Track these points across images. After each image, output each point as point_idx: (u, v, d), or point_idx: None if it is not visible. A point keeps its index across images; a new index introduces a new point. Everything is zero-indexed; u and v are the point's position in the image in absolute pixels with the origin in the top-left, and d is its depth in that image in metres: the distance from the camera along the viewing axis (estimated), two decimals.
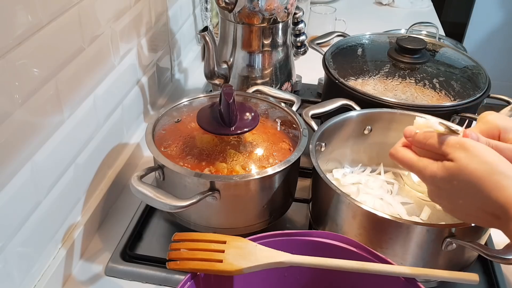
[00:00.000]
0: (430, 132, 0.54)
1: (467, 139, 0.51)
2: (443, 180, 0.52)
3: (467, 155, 0.50)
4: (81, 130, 0.69)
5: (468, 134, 0.52)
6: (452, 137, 0.52)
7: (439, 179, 0.52)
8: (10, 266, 0.55)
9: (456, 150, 0.51)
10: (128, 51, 0.82)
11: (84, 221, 0.70)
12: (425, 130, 0.55)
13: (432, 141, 0.53)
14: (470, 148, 0.50)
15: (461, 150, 0.50)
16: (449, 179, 0.51)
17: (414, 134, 0.56)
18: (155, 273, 0.67)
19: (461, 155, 0.50)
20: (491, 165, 0.49)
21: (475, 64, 0.92)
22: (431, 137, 0.54)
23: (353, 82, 0.88)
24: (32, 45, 0.54)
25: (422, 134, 0.55)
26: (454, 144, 0.51)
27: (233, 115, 0.67)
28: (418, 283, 0.50)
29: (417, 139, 0.55)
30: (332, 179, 0.76)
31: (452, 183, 0.51)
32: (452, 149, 0.51)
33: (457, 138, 0.52)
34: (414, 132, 0.56)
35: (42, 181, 0.60)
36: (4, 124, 0.51)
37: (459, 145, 0.51)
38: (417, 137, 0.55)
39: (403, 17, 1.63)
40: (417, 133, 0.55)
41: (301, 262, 0.51)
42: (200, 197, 0.61)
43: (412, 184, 0.76)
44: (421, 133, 0.55)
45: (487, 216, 0.51)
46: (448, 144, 0.52)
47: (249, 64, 0.92)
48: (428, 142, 0.54)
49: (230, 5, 0.86)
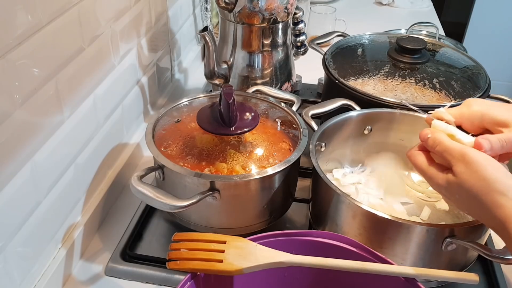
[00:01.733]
0: (439, 138, 0.55)
1: (470, 150, 0.52)
2: (447, 192, 0.54)
3: (467, 170, 0.51)
4: (81, 130, 0.69)
5: (481, 143, 0.53)
6: (457, 146, 0.53)
7: (444, 190, 0.54)
8: (10, 266, 0.55)
9: (457, 162, 0.52)
10: (128, 51, 0.82)
11: (84, 221, 0.70)
12: (436, 133, 0.56)
13: (439, 148, 0.54)
14: (470, 162, 0.51)
15: (462, 163, 0.51)
16: (452, 193, 0.53)
17: (427, 138, 0.56)
18: (155, 273, 0.67)
19: (461, 170, 0.51)
20: (488, 182, 0.49)
21: (475, 64, 0.92)
22: (439, 144, 0.55)
23: (353, 82, 0.88)
24: (32, 45, 0.54)
25: (432, 139, 0.56)
26: (457, 156, 0.52)
27: (233, 115, 0.67)
28: (418, 283, 0.50)
29: (428, 143, 0.56)
30: (332, 179, 0.76)
31: (455, 196, 0.53)
32: (454, 161, 0.52)
33: (461, 149, 0.52)
34: (427, 137, 0.56)
35: (42, 181, 0.60)
36: (4, 124, 0.51)
37: (461, 157, 0.52)
38: (428, 141, 0.56)
39: (403, 17, 1.63)
40: (429, 138, 0.56)
41: (301, 262, 0.51)
42: (200, 197, 0.61)
43: (412, 184, 0.76)
44: (431, 138, 0.56)
45: (489, 227, 0.52)
46: (452, 155, 0.53)
47: (249, 64, 0.92)
48: (436, 149, 0.55)
49: (230, 5, 0.86)
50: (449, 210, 0.71)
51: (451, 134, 0.55)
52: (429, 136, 0.56)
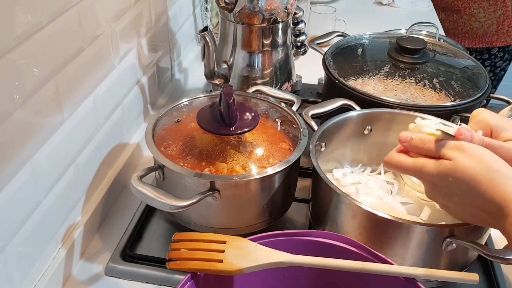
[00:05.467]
0: (426, 136, 0.55)
1: (464, 142, 0.52)
2: (439, 177, 0.53)
3: (464, 154, 0.51)
4: (81, 130, 0.69)
5: (462, 132, 0.53)
6: (450, 141, 0.53)
7: (435, 176, 0.53)
8: (10, 266, 0.55)
9: (453, 150, 0.52)
10: (128, 51, 0.82)
11: (84, 221, 0.70)
12: (420, 134, 0.56)
13: (430, 145, 0.54)
14: (467, 149, 0.51)
15: (458, 150, 0.52)
16: (445, 176, 0.52)
17: (410, 139, 0.56)
18: (155, 273, 0.67)
19: (458, 155, 0.51)
20: (487, 163, 0.50)
21: (475, 64, 0.92)
22: (429, 141, 0.54)
23: (353, 82, 0.88)
24: (32, 45, 0.54)
25: (419, 139, 0.55)
26: (452, 147, 0.52)
27: (233, 115, 0.67)
28: (418, 283, 0.50)
29: (414, 144, 0.56)
30: (332, 179, 0.76)
31: (448, 180, 0.52)
32: (450, 151, 0.52)
33: (455, 142, 0.53)
34: (410, 137, 0.56)
35: (42, 181, 0.60)
36: (4, 124, 0.51)
37: (457, 147, 0.52)
38: (413, 142, 0.56)
39: (403, 17, 1.63)
40: (413, 138, 0.56)
41: (301, 262, 0.51)
42: (200, 197, 0.61)
43: (412, 184, 0.76)
44: (417, 138, 0.55)
45: (482, 214, 0.52)
46: (446, 147, 0.53)
47: (249, 64, 0.92)
48: (425, 146, 0.55)
49: (230, 5, 0.86)
50: None
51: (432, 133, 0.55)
52: (413, 136, 0.56)
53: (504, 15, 1.60)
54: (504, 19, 1.60)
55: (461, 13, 1.66)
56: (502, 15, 1.60)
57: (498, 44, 1.66)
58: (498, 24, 1.62)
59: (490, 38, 1.66)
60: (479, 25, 1.64)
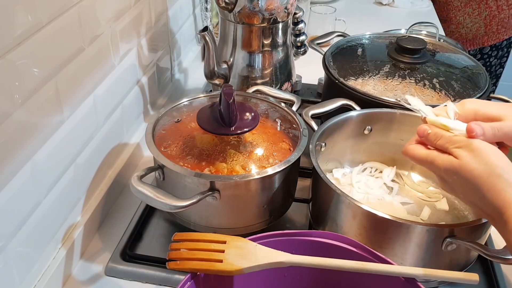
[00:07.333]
0: (440, 132, 0.55)
1: (475, 140, 0.52)
2: (446, 173, 0.54)
3: (470, 154, 0.51)
4: (81, 130, 0.69)
5: (473, 129, 0.53)
6: (461, 138, 0.53)
7: (443, 170, 0.54)
8: (10, 266, 0.55)
9: (461, 148, 0.53)
10: (128, 51, 0.82)
11: (84, 221, 0.70)
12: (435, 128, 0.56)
13: (442, 142, 0.55)
14: (475, 149, 0.51)
15: (466, 149, 0.52)
16: (450, 173, 0.53)
17: (427, 134, 0.57)
18: (155, 273, 0.67)
19: (465, 154, 0.52)
20: (491, 167, 0.50)
21: (475, 64, 0.92)
22: (441, 137, 0.55)
23: (353, 82, 0.88)
24: (32, 45, 0.54)
25: (434, 134, 0.56)
26: (461, 144, 0.53)
27: (233, 115, 0.67)
28: (418, 283, 0.50)
29: (430, 138, 0.56)
30: (332, 179, 0.76)
31: (453, 177, 0.53)
32: (458, 150, 0.53)
33: (466, 140, 0.53)
34: (427, 132, 0.57)
35: (42, 181, 0.60)
36: (4, 124, 0.51)
37: (466, 145, 0.52)
38: (429, 137, 0.56)
39: (403, 17, 1.63)
40: (429, 134, 0.56)
41: (301, 262, 0.51)
42: (200, 197, 0.61)
43: (412, 184, 0.76)
44: (432, 133, 0.56)
45: (484, 215, 0.53)
46: (456, 144, 0.53)
47: (249, 64, 0.92)
48: (438, 142, 0.55)
49: (230, 5, 0.86)
50: (449, 210, 0.71)
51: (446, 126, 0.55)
52: (429, 131, 0.56)
53: (490, 15, 1.61)
54: (490, 19, 1.61)
55: (448, 23, 1.69)
56: (487, 16, 1.61)
57: (489, 43, 1.67)
58: (486, 26, 1.63)
59: (480, 40, 1.67)
60: (468, 31, 1.66)
